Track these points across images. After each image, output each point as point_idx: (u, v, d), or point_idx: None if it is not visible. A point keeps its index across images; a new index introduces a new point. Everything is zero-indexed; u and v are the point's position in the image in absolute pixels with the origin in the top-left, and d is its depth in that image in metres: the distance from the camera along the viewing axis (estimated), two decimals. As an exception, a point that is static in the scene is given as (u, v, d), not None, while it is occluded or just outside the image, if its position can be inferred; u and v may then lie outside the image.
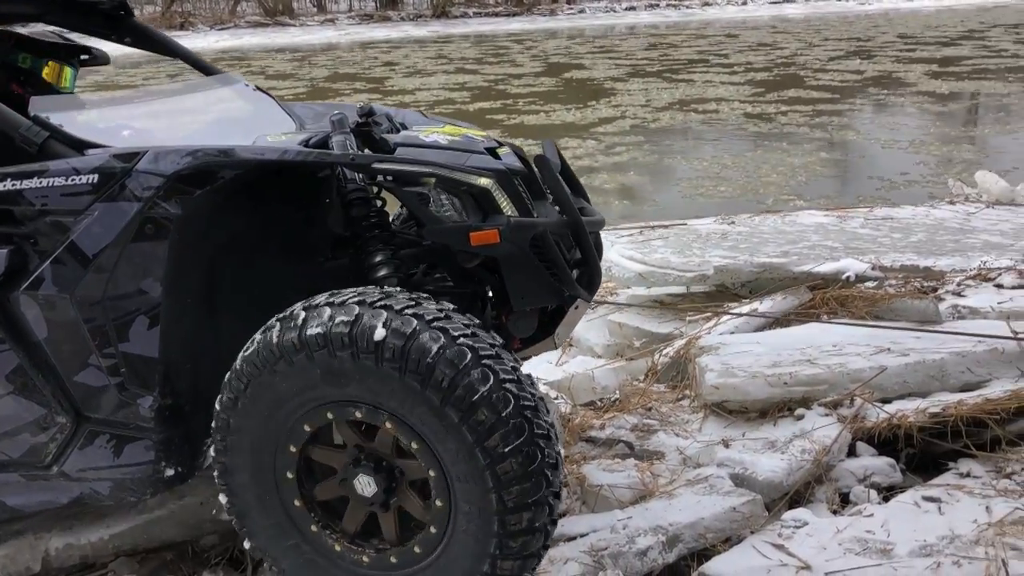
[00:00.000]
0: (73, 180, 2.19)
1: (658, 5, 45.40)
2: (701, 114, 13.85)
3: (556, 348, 2.72)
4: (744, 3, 46.19)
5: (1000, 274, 4.88)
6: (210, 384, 2.30)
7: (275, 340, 2.08)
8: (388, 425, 2.10)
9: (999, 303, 4.27)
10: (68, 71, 3.10)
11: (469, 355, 2.00)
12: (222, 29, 35.52)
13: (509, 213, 2.28)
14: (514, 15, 42.37)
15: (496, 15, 42.26)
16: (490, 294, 2.57)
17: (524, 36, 31.65)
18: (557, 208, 2.48)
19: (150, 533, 2.71)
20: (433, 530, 2.16)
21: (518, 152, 2.57)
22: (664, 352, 3.95)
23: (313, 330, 2.04)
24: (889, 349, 3.60)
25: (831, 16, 37.91)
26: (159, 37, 3.24)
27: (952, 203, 7.39)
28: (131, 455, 2.35)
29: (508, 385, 2.03)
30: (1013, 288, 4.62)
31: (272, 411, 2.16)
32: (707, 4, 45.60)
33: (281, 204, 2.51)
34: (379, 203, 2.63)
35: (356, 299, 2.08)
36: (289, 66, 23.28)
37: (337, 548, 2.26)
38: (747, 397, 3.31)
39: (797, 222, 5.79)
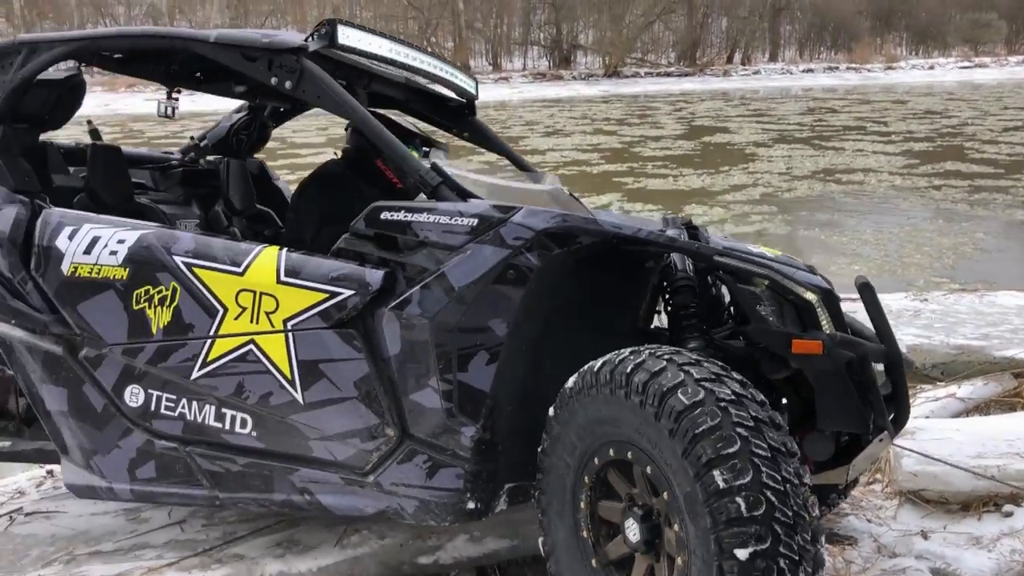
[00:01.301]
0: (456, 220, 2.46)
1: (838, 68, 44.33)
2: (844, 185, 12.94)
3: (847, 480, 2.61)
4: (931, 68, 44.44)
5: None
6: (522, 428, 2.49)
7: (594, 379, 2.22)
8: (629, 456, 2.18)
9: None
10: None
11: (739, 443, 1.96)
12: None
13: (828, 331, 2.36)
14: (686, 75, 42.45)
15: (668, 75, 42.47)
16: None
17: (686, 97, 31.33)
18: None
19: (353, 569, 2.85)
20: (680, 563, 2.10)
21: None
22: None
23: (620, 372, 2.14)
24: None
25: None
26: (491, 135, 3.70)
27: None
28: (442, 480, 2.49)
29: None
30: None
31: (564, 469, 2.30)
32: (890, 68, 44.17)
33: (610, 282, 2.67)
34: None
35: (668, 356, 2.15)
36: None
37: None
38: (948, 488, 3.16)
39: (996, 303, 5.50)
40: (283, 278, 2.58)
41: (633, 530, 2.20)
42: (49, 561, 3.08)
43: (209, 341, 2.66)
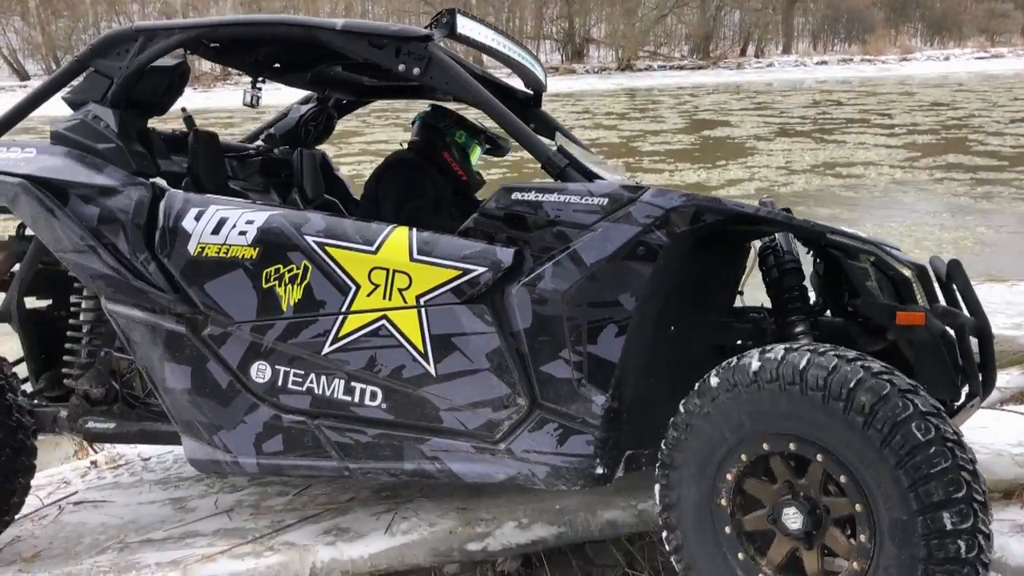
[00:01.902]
0: (587, 200, 2.59)
1: (852, 60, 44.14)
2: (844, 179, 12.85)
3: None
4: (946, 59, 44.17)
5: None
6: (642, 398, 2.64)
7: (752, 373, 2.28)
8: (819, 458, 2.22)
9: None
10: (477, 150, 3.74)
11: (911, 409, 2.11)
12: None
13: (922, 304, 2.51)
14: (699, 68, 42.35)
15: (681, 68, 42.38)
16: None
17: (693, 91, 31.06)
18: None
19: (403, 555, 2.90)
20: (856, 567, 2.21)
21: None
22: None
23: (793, 367, 2.21)
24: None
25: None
26: (557, 126, 3.76)
27: None
28: (573, 446, 2.61)
29: (949, 444, 2.11)
30: None
31: (719, 441, 2.34)
32: (905, 60, 43.94)
33: (716, 261, 2.79)
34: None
35: (834, 353, 2.24)
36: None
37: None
38: (991, 476, 3.17)
39: (1029, 293, 5.51)
40: (416, 256, 2.68)
41: (794, 519, 2.28)
42: (103, 549, 3.14)
43: (341, 317, 2.74)
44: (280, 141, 3.91)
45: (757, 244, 3.01)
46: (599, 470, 2.61)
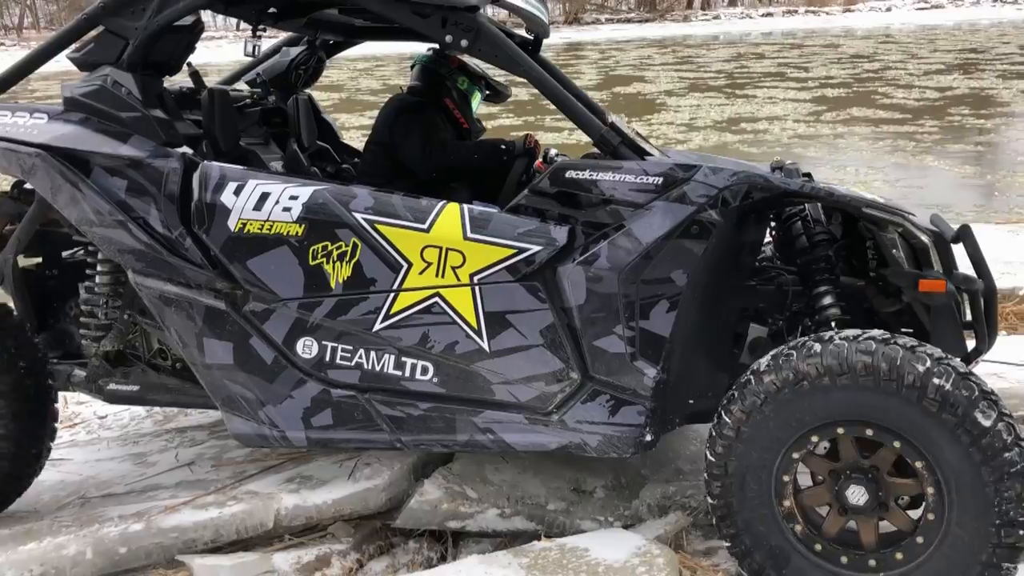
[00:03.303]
0: (642, 179, 2.61)
1: (796, 11, 44.40)
2: (745, 135, 12.75)
3: None
4: (888, 9, 44.64)
5: None
6: (686, 368, 2.73)
7: (823, 359, 2.36)
8: (896, 445, 2.34)
9: None
10: (477, 96, 3.71)
11: (977, 391, 2.27)
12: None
13: (938, 269, 2.64)
14: (647, 21, 42.27)
15: (629, 21, 42.25)
16: None
17: (620, 46, 30.78)
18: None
19: (366, 500, 2.95)
20: (920, 540, 2.37)
21: None
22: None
23: (859, 359, 2.32)
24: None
25: (984, 23, 36.11)
26: (558, 73, 3.57)
27: None
28: (625, 416, 2.68)
29: (1007, 419, 2.28)
30: None
31: (785, 424, 2.42)
32: (849, 10, 44.31)
33: (752, 229, 2.84)
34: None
35: (903, 343, 2.35)
36: (345, 76, 22.45)
37: (818, 547, 2.48)
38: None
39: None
40: (470, 234, 2.67)
41: (858, 495, 2.41)
42: (63, 504, 3.14)
43: (393, 295, 2.73)
44: (269, 85, 3.79)
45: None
46: (648, 437, 2.68)
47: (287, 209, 2.77)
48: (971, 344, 2.72)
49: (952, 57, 22.89)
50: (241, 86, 3.89)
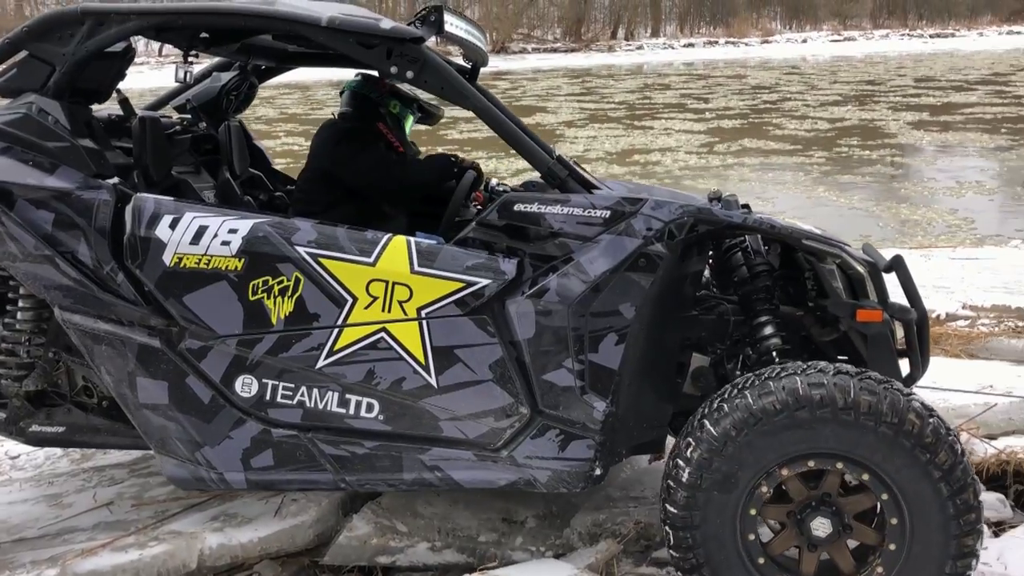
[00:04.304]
0: (589, 212, 2.63)
1: (717, 42, 45.55)
2: (636, 166, 12.80)
3: None
4: (804, 41, 46.13)
5: (1096, 316, 4.88)
6: (634, 400, 2.73)
7: (774, 399, 2.40)
8: (838, 466, 2.41)
9: (1097, 343, 4.29)
10: (410, 119, 3.66)
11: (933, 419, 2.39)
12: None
13: (873, 299, 2.71)
14: (572, 51, 42.86)
15: (555, 51, 42.78)
16: None
17: (540, 74, 30.94)
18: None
19: (293, 537, 2.89)
20: (892, 547, 2.41)
21: None
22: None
23: (815, 392, 2.37)
24: (992, 386, 3.66)
25: (892, 55, 37.55)
26: (491, 99, 3.48)
27: (1035, 244, 7.37)
28: (574, 451, 2.66)
29: (935, 418, 2.39)
30: (1111, 330, 4.63)
31: (751, 461, 2.43)
32: (766, 42, 45.64)
33: (690, 256, 2.82)
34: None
35: (834, 371, 2.43)
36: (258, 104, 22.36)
37: None
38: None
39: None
40: (417, 268, 2.63)
41: (822, 527, 2.45)
42: (-28, 552, 2.98)
43: (337, 330, 2.67)
44: (200, 111, 3.68)
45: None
46: (597, 471, 2.67)
47: (226, 243, 2.69)
48: (905, 370, 2.80)
49: (850, 89, 23.56)
50: (169, 111, 3.80)
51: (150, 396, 2.76)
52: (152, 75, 22.35)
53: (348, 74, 3.74)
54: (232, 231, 2.70)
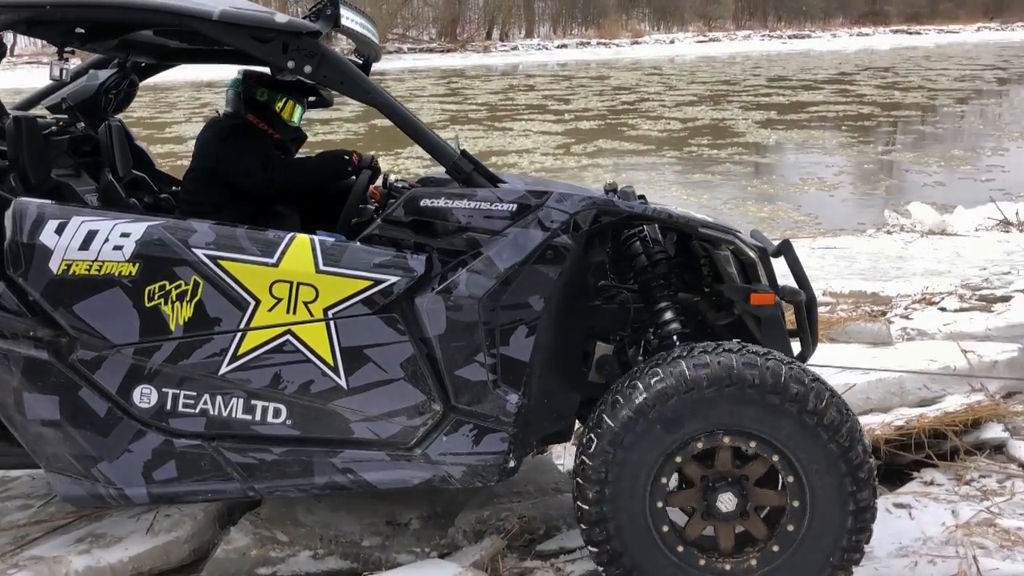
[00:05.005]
0: (496, 206, 2.62)
1: (589, 43, 46.39)
2: (493, 168, 12.25)
3: None
4: (672, 42, 47.52)
5: (943, 298, 5.21)
6: (544, 390, 2.74)
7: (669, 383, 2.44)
8: (726, 440, 2.47)
9: (945, 325, 4.57)
10: (298, 108, 3.48)
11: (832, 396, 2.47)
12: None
13: (764, 283, 2.78)
14: (448, 51, 42.85)
15: (431, 51, 42.67)
16: None
17: (404, 74, 30.71)
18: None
19: (167, 554, 2.77)
20: (796, 504, 2.48)
21: None
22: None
23: (715, 371, 2.42)
24: (851, 368, 3.84)
25: (755, 54, 39.00)
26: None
27: (890, 232, 7.81)
28: (488, 444, 2.63)
29: (851, 414, 2.48)
30: (956, 311, 4.93)
31: (651, 447, 2.47)
32: (636, 43, 46.77)
33: (593, 246, 2.84)
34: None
35: (738, 349, 2.50)
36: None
37: (702, 562, 2.53)
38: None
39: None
40: (323, 267, 2.57)
41: (727, 502, 2.50)
42: None
43: (240, 334, 2.57)
44: (77, 111, 3.47)
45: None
46: (511, 463, 2.66)
47: (118, 247, 2.57)
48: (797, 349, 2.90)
49: (705, 89, 24.19)
50: (42, 111, 3.57)
51: (39, 412, 2.61)
52: (23, 72, 21.13)
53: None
54: (124, 235, 2.58)
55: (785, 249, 2.87)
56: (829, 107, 19.62)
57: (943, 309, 4.97)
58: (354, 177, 3.27)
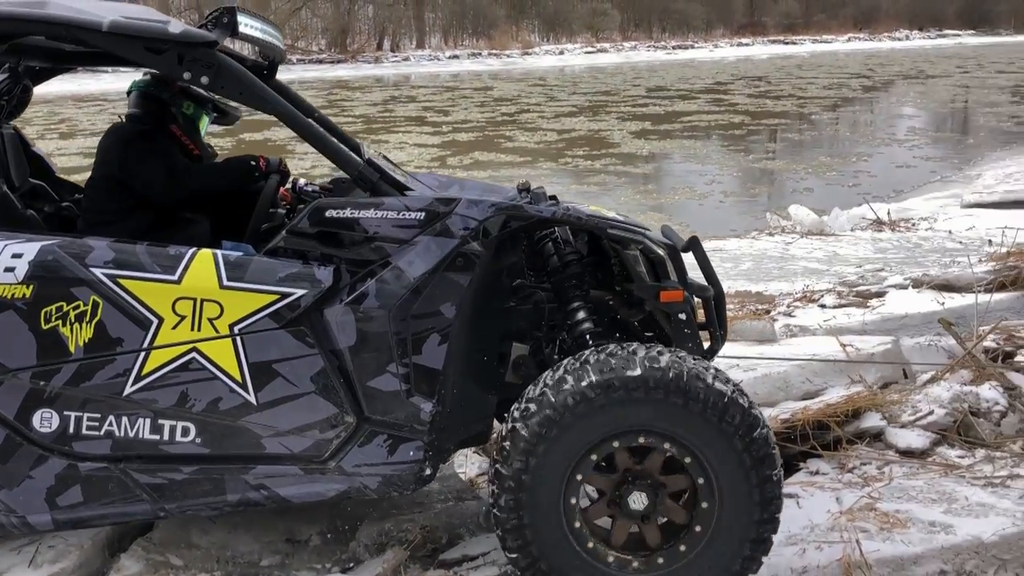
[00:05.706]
0: (404, 215, 2.60)
1: (480, 54, 46.60)
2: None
3: None
4: (561, 53, 48.21)
5: (822, 296, 5.44)
6: (459, 396, 2.73)
7: (586, 384, 2.43)
8: (666, 446, 2.48)
9: (825, 321, 4.77)
10: (205, 120, 3.41)
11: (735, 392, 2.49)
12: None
13: (674, 279, 2.79)
14: (339, 62, 42.34)
15: (321, 62, 42.08)
16: None
17: (316, 85, 30.35)
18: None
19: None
20: (698, 528, 2.50)
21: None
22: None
23: (632, 373, 2.41)
24: (738, 364, 3.96)
25: (641, 64, 39.90)
26: (295, 96, 3.40)
27: (771, 234, 8.11)
28: (403, 454, 2.62)
29: (755, 410, 2.49)
30: (835, 307, 5.16)
31: (569, 445, 2.46)
32: (527, 54, 47.25)
33: (506, 252, 2.85)
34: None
35: (667, 354, 2.49)
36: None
37: (610, 559, 2.53)
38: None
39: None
40: (227, 283, 2.52)
41: (638, 501, 2.51)
42: None
43: (143, 354, 2.52)
44: None
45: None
46: (427, 471, 2.65)
47: (10, 269, 2.49)
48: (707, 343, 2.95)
49: (586, 100, 24.39)
50: None
51: None
52: None
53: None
54: (16, 256, 2.51)
55: (693, 245, 2.92)
56: (702, 117, 20.12)
57: (823, 306, 5.20)
58: (263, 182, 3.19)
